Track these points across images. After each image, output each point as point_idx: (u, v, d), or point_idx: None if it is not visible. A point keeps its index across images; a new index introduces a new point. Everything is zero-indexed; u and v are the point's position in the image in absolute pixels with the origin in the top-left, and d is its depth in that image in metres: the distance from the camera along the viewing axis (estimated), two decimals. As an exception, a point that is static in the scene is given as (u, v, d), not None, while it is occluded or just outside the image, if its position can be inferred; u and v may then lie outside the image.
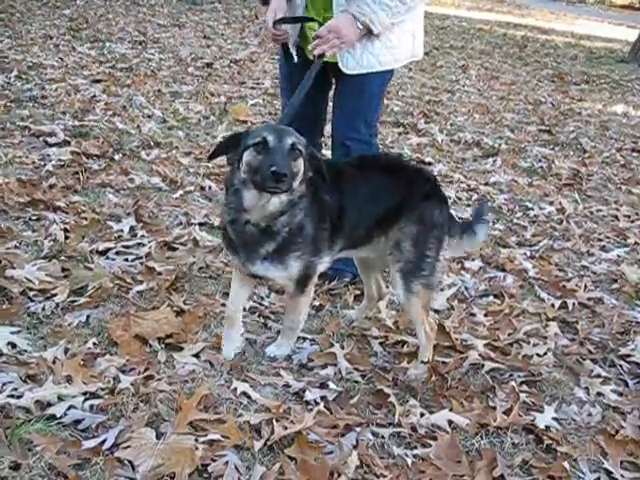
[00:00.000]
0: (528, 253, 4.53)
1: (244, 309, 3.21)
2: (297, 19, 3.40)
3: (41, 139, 5.40)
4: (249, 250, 2.77)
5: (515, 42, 17.08)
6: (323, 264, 2.94)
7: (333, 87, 3.68)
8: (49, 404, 2.53)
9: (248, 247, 2.77)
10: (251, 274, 2.90)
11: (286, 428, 2.54)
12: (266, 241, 2.73)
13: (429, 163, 6.20)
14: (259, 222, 2.69)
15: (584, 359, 3.34)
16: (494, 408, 2.84)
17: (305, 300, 2.98)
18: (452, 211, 4.98)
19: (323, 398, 2.80)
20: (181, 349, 2.99)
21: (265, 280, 3.03)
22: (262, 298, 3.52)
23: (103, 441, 2.37)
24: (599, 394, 3.09)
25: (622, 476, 2.58)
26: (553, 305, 3.84)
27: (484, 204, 3.59)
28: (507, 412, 2.82)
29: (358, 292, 3.68)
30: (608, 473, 2.61)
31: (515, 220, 5.13)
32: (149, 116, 6.56)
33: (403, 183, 3.04)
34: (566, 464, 2.57)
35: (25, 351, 2.85)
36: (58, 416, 2.47)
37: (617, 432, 2.81)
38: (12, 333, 2.92)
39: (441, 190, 3.17)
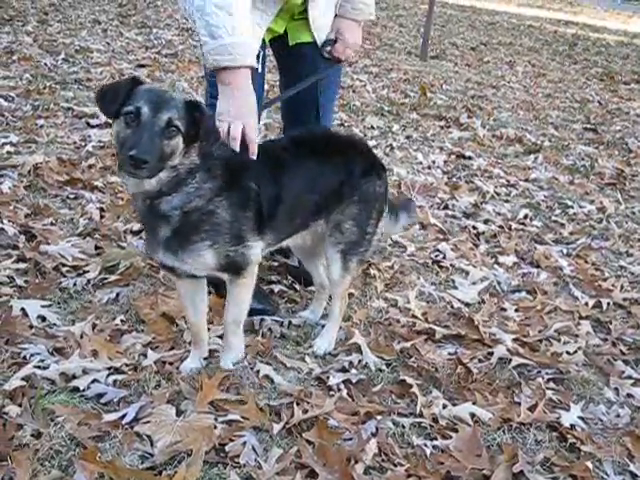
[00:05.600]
0: (564, 251, 4.44)
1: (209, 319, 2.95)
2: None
3: (83, 120, 5.49)
4: (150, 234, 2.48)
5: (565, 40, 16.79)
6: (255, 249, 2.57)
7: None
8: (74, 377, 2.57)
9: (148, 229, 2.48)
10: (163, 266, 2.59)
11: (306, 412, 2.53)
12: (161, 224, 2.39)
13: (469, 157, 6.14)
14: (142, 199, 2.35)
15: (615, 359, 3.26)
16: (519, 404, 2.79)
17: (247, 283, 2.60)
18: (487, 205, 4.97)
19: (345, 385, 2.79)
20: (208, 329, 3.01)
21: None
22: (292, 282, 3.52)
23: (123, 415, 2.40)
24: (629, 395, 3.01)
25: (647, 479, 2.52)
26: (587, 304, 3.76)
27: (411, 204, 3.53)
28: (532, 408, 2.77)
29: (388, 280, 3.68)
30: (634, 476, 2.53)
31: (553, 217, 5.03)
32: (191, 102, 6.59)
33: (341, 161, 2.82)
34: (589, 464, 2.51)
35: (54, 325, 2.91)
36: (81, 389, 2.51)
37: (645, 434, 2.75)
38: (43, 307, 2.98)
39: (377, 158, 3.03)
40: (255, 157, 2.57)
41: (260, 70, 2.96)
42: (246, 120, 2.55)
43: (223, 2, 2.47)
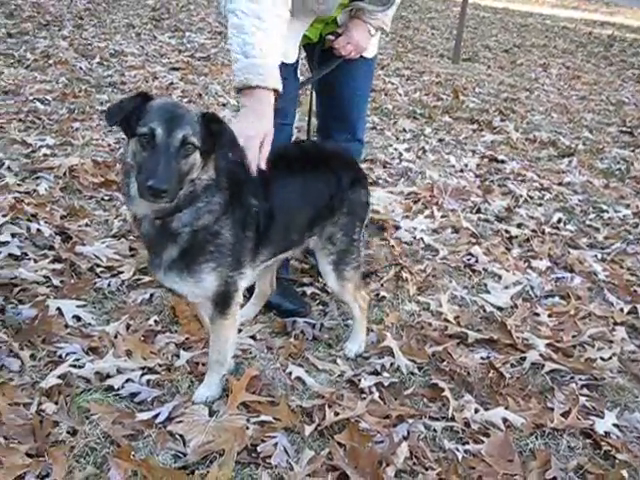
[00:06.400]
0: (599, 255, 4.39)
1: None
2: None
3: (118, 123, 5.54)
4: (153, 254, 2.41)
5: (600, 41, 16.57)
6: (245, 279, 2.55)
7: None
8: (108, 376, 2.61)
9: (152, 250, 2.41)
10: (164, 287, 2.61)
11: (338, 414, 2.54)
12: (168, 244, 2.33)
13: (502, 160, 6.09)
14: (152, 217, 2.29)
15: (651, 366, 3.23)
16: (552, 409, 2.77)
17: (229, 324, 2.55)
18: (520, 209, 4.93)
19: (377, 387, 2.79)
20: (240, 331, 3.02)
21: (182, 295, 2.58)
22: (324, 285, 3.53)
23: (157, 415, 2.44)
24: (666, 403, 2.98)
25: (685, 489, 2.48)
26: (622, 309, 3.71)
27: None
28: (565, 415, 2.75)
29: (420, 284, 3.67)
30: (670, 485, 2.51)
31: (588, 222, 4.97)
32: (224, 104, 6.66)
33: (330, 174, 2.80)
34: (625, 473, 2.47)
35: (89, 324, 2.95)
36: (116, 388, 2.55)
37: (683, 444, 2.70)
38: (78, 307, 3.03)
39: (361, 169, 3.04)
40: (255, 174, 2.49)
41: (294, 75, 3.08)
42: (250, 143, 2.44)
43: (262, 24, 2.49)
